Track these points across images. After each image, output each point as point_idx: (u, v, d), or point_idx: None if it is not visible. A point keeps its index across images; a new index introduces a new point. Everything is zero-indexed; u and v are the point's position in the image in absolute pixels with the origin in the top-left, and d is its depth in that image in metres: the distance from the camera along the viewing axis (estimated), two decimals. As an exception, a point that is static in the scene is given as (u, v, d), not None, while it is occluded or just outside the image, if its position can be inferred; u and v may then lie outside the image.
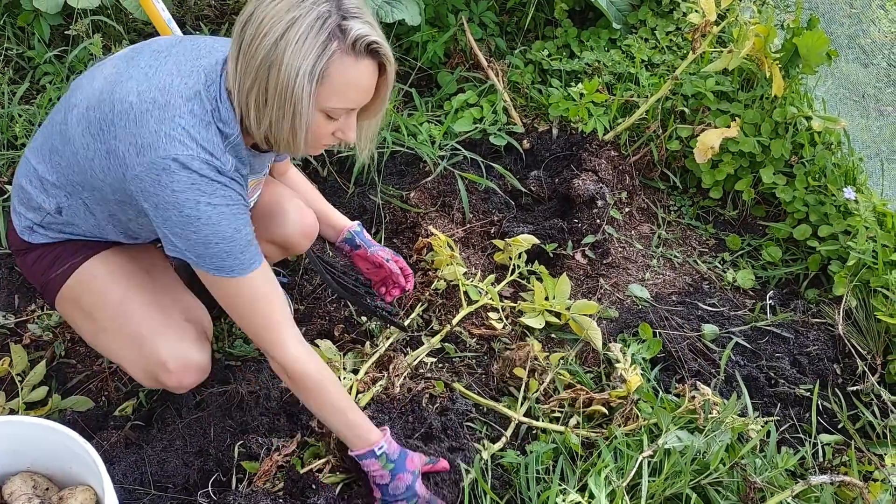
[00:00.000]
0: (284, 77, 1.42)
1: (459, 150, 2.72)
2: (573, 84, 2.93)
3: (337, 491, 1.80)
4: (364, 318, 2.29)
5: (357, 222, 2.11)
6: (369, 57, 1.47)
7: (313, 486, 1.75)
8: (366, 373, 2.06)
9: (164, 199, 1.47)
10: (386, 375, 2.07)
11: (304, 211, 1.99)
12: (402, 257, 2.50)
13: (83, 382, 2.10)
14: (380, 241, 2.54)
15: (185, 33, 2.46)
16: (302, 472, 1.81)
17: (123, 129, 1.50)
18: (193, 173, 1.46)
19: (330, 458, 1.84)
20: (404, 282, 2.13)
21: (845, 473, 1.93)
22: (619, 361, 2.12)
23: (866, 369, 2.30)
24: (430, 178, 2.65)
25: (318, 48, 1.41)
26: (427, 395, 2.05)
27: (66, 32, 2.76)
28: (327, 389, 1.68)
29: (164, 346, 1.73)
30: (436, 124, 2.81)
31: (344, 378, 2.02)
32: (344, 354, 2.13)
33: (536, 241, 2.42)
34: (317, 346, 2.11)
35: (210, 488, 1.83)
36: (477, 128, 2.81)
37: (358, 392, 2.00)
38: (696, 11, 2.69)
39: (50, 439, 1.61)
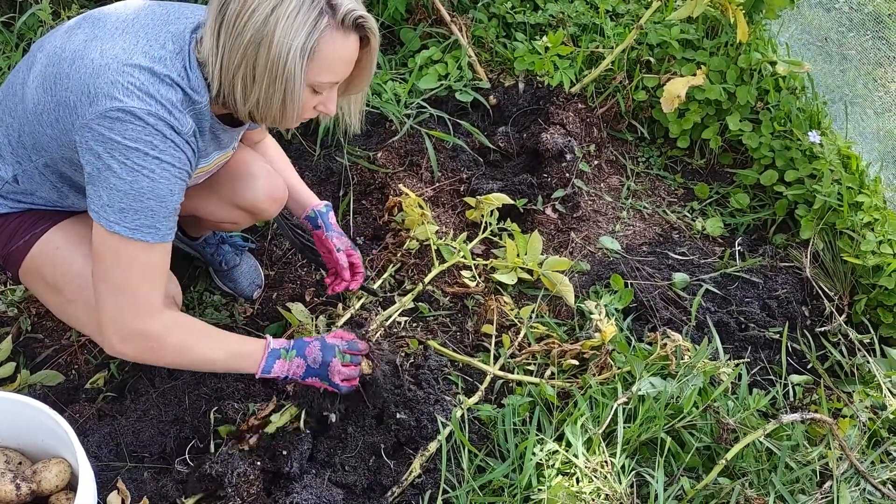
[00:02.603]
0: (275, 54, 1.42)
1: (425, 107, 2.68)
2: (538, 37, 2.90)
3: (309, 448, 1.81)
4: (336, 281, 2.27)
5: (325, 203, 2.03)
6: (356, 31, 1.49)
7: (290, 444, 1.75)
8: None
9: (112, 148, 1.43)
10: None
11: (273, 176, 1.95)
12: (372, 219, 2.49)
13: (52, 357, 2.07)
14: (348, 203, 2.51)
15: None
16: (274, 427, 1.81)
17: (78, 81, 1.46)
18: (148, 126, 1.43)
19: (302, 414, 1.84)
20: (349, 277, 2.01)
21: (815, 411, 1.98)
22: (592, 313, 2.13)
23: (834, 310, 2.34)
24: (396, 138, 2.61)
25: (310, 24, 1.41)
26: (402, 354, 2.05)
27: (12, -1, 2.67)
28: (207, 332, 1.66)
29: None
30: (400, 82, 2.77)
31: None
32: (316, 317, 2.12)
33: (508, 199, 2.41)
34: (288, 309, 2.09)
35: (187, 455, 1.82)
36: (442, 84, 2.77)
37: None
38: (659, -42, 2.66)
39: (20, 413, 1.59)
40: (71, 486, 1.64)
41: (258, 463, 1.73)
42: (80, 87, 1.46)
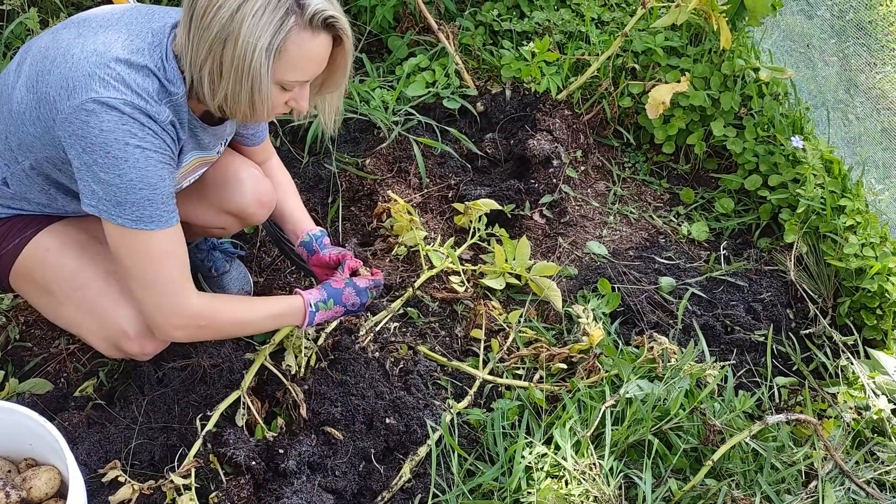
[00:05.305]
0: (241, 52, 1.42)
1: (413, 114, 2.70)
2: (524, 44, 2.92)
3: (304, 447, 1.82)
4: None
5: (320, 228, 2.00)
6: (326, 31, 1.49)
7: (280, 451, 1.75)
8: (325, 340, 2.06)
9: (92, 141, 1.44)
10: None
11: (261, 180, 1.95)
12: (361, 225, 2.51)
13: (40, 365, 2.06)
14: (336, 210, 2.52)
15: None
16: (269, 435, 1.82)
17: (58, 76, 1.48)
18: (124, 115, 1.44)
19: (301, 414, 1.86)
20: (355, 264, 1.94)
21: (800, 412, 2.00)
22: (580, 317, 2.15)
23: (818, 313, 2.37)
24: (384, 144, 2.63)
25: (276, 23, 1.41)
26: (391, 359, 2.06)
27: (0, 7, 2.66)
28: (240, 307, 1.72)
29: (123, 314, 1.71)
30: (388, 90, 2.78)
31: (305, 347, 2.02)
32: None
33: (496, 205, 2.43)
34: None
35: (176, 463, 1.82)
36: (430, 92, 2.79)
37: (318, 360, 2.00)
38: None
39: (8, 420, 1.59)
40: (61, 493, 1.64)
41: (254, 463, 1.73)
42: (60, 82, 1.47)
